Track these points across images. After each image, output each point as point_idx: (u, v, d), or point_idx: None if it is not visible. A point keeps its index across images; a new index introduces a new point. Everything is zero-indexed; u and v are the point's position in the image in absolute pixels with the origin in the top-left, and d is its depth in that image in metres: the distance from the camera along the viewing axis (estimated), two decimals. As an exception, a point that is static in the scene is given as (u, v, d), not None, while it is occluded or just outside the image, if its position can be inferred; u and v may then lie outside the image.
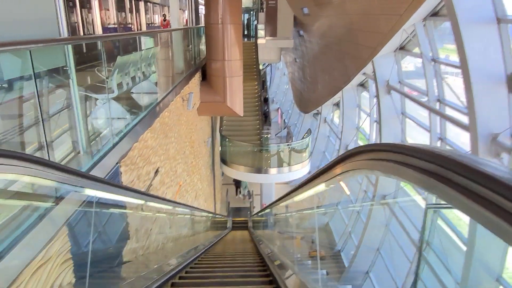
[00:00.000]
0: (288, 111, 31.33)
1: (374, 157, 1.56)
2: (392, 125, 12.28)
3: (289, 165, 14.72)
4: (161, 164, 5.97)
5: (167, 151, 6.43)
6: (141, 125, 4.80)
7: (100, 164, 3.50)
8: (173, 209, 5.16)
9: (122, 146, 4.08)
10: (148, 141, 5.14)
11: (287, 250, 6.35)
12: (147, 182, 5.05)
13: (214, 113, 11.36)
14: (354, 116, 17.01)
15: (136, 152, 4.58)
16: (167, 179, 6.71)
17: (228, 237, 11.99)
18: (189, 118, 9.11)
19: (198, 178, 10.92)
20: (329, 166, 2.19)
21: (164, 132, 6.16)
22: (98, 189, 2.24)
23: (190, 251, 6.27)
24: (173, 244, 5.90)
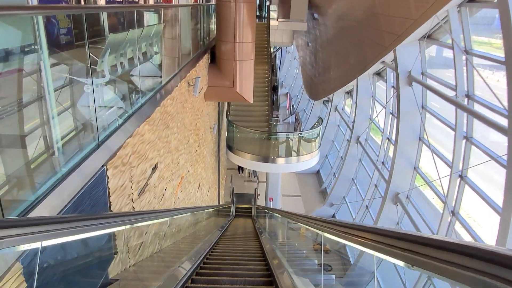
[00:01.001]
0: (297, 97, 30.38)
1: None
2: (411, 119, 11.41)
3: (297, 154, 13.96)
4: (160, 159, 5.23)
5: (168, 144, 5.68)
6: (137, 117, 4.04)
7: (79, 169, 2.76)
8: (167, 219, 4.45)
9: (111, 144, 3.33)
10: (145, 134, 4.38)
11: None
12: (142, 183, 4.32)
13: (222, 98, 10.57)
14: (368, 106, 16.12)
15: (129, 150, 3.83)
16: (168, 173, 5.99)
17: (229, 229, 11.35)
18: (195, 104, 8.32)
19: (202, 167, 10.22)
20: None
21: (165, 122, 5.40)
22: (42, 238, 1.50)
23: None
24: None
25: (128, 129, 3.76)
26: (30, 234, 1.37)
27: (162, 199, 5.73)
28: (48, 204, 2.41)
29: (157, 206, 5.36)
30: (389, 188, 12.10)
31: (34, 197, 2.39)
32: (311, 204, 18.94)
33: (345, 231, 1.90)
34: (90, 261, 3.15)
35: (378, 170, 13.90)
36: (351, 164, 16.86)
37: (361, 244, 1.66)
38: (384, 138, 14.03)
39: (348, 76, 15.84)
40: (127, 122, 3.73)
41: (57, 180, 2.57)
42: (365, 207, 15.23)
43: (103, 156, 3.18)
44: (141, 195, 4.34)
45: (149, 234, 4.71)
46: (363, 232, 1.68)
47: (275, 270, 4.77)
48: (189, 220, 6.80)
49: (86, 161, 2.87)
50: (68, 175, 2.61)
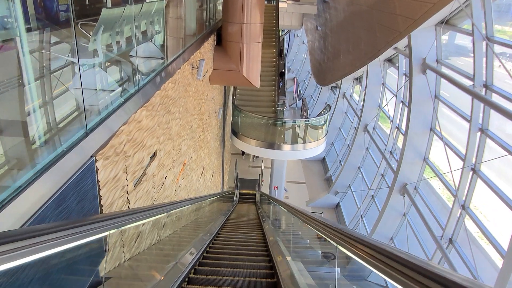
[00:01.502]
0: (305, 82, 29.80)
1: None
2: (423, 109, 10.95)
3: (304, 142, 13.59)
4: (160, 147, 4.90)
5: (168, 130, 5.34)
6: (134, 102, 3.69)
7: (63, 161, 2.43)
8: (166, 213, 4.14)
9: (101, 132, 3.00)
10: (143, 121, 4.04)
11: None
12: (138, 173, 3.99)
13: (228, 82, 10.16)
14: (378, 93, 15.61)
15: (124, 138, 3.50)
16: (168, 160, 5.67)
17: (232, 217, 11.11)
18: (199, 88, 7.94)
19: (205, 153, 9.90)
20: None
21: (165, 107, 5.04)
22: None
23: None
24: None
25: (122, 115, 3.42)
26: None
27: (162, 187, 5.43)
28: (25, 200, 2.09)
29: (156, 196, 5.06)
30: (397, 178, 11.74)
31: (7, 193, 2.07)
32: (316, 191, 18.67)
33: (368, 253, 1.56)
34: (78, 259, 2.86)
35: (385, 159, 13.52)
36: (358, 153, 16.48)
37: (389, 277, 1.32)
38: (393, 127, 13.60)
39: (358, 62, 15.30)
40: (121, 108, 3.38)
41: (36, 173, 2.24)
42: (371, 196, 14.91)
43: (91, 146, 2.84)
44: (137, 185, 4.03)
45: (147, 225, 4.42)
46: (391, 261, 1.34)
47: (279, 268, 4.48)
48: (190, 208, 6.51)
49: (72, 151, 2.53)
50: (49, 168, 2.28)
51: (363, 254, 1.64)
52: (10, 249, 1.24)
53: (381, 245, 1.50)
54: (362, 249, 1.66)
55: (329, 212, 16.96)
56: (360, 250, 1.69)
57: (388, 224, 12.47)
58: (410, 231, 11.55)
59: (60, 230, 1.63)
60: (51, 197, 2.28)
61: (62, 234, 1.63)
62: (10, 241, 1.25)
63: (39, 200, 2.23)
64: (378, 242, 1.60)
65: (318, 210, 16.57)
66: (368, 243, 1.63)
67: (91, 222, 1.97)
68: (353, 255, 1.79)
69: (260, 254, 5.53)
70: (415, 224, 11.77)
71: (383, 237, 12.68)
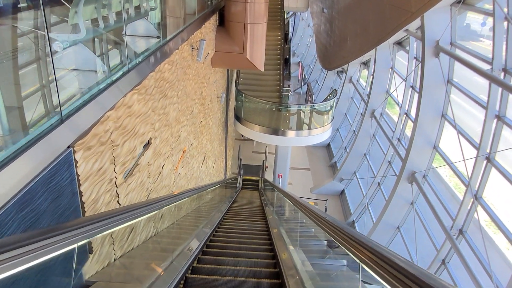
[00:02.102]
0: (310, 66, 29.11)
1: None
2: (435, 94, 10.42)
3: (309, 128, 13.13)
4: (155, 134, 4.48)
5: (165, 116, 4.91)
6: (122, 84, 3.25)
7: (27, 155, 2.01)
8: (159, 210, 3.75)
9: (81, 119, 2.57)
10: (134, 106, 3.61)
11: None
12: (129, 164, 3.59)
13: (230, 65, 9.65)
14: (386, 78, 15.03)
15: (111, 125, 3.07)
16: (166, 148, 5.26)
17: (235, 205, 10.76)
18: (200, 71, 7.47)
19: (207, 139, 9.48)
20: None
21: (162, 91, 4.60)
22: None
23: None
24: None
25: (108, 99, 2.99)
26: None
27: (159, 177, 5.04)
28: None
29: (152, 187, 4.67)
30: (405, 166, 11.30)
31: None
32: (320, 178, 18.29)
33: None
34: (58, 262, 2.49)
35: (393, 146, 13.05)
36: (364, 139, 16.00)
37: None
38: (402, 113, 13.09)
39: (366, 45, 14.65)
40: (107, 91, 2.94)
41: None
42: (377, 184, 14.50)
43: (68, 135, 2.42)
44: (128, 177, 3.63)
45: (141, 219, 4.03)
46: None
47: (283, 266, 4.10)
48: (190, 197, 6.12)
49: (40, 142, 2.12)
50: (7, 164, 1.87)
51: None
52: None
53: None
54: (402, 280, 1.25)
55: (333, 199, 16.60)
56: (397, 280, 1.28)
57: (395, 213, 12.09)
58: (417, 221, 11.17)
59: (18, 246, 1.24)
60: (11, 200, 1.87)
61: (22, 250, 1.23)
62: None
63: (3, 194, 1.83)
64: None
65: (323, 197, 16.22)
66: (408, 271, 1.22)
67: (61, 232, 1.57)
68: (384, 282, 1.39)
69: (264, 249, 5.16)
70: (423, 213, 11.39)
71: (390, 226, 12.33)
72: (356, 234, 1.89)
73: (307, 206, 3.80)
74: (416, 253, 10.65)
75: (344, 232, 2.09)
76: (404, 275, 1.28)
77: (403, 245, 12.08)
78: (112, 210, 2.40)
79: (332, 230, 2.43)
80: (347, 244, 1.96)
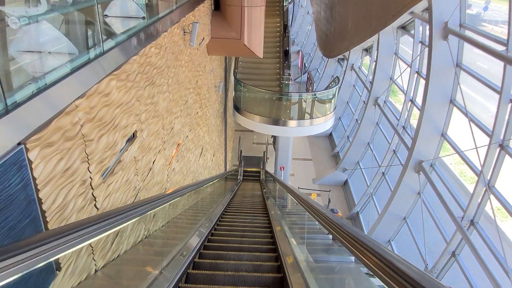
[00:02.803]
0: (310, 55, 28.42)
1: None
2: (443, 79, 9.86)
3: (311, 117, 12.60)
4: (141, 126, 3.96)
5: (154, 106, 4.38)
6: (95, 68, 2.73)
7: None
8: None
9: (37, 108, 2.06)
10: (113, 94, 3.09)
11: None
12: (108, 162, 3.08)
13: (228, 52, 9.07)
14: (389, 64, 14.43)
15: (82, 116, 2.56)
16: (156, 141, 4.75)
17: (235, 199, 10.29)
18: (194, 58, 6.92)
19: (205, 131, 8.97)
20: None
21: (148, 78, 4.07)
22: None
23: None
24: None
25: (75, 85, 2.47)
26: None
27: (150, 174, 4.54)
28: None
29: (140, 185, 4.17)
30: (411, 155, 10.79)
31: None
32: (323, 168, 17.80)
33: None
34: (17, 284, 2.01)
35: (398, 135, 12.52)
36: (367, 128, 15.46)
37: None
38: (407, 100, 12.53)
39: (369, 30, 14.01)
40: (73, 75, 2.42)
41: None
42: (381, 173, 14.01)
43: (16, 129, 1.91)
44: (108, 177, 3.12)
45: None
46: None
47: (287, 268, 3.63)
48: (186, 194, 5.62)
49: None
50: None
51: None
52: None
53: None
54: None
55: (336, 189, 16.13)
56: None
57: (401, 203, 11.62)
58: (424, 211, 10.69)
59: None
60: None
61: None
62: None
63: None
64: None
65: (326, 188, 15.75)
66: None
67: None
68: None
69: (266, 249, 4.68)
70: (430, 203, 10.91)
71: (396, 217, 11.87)
72: (358, 234, 1.58)
73: (309, 203, 3.30)
74: (424, 245, 10.20)
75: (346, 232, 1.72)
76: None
77: (409, 236, 11.64)
78: (82, 220, 1.90)
79: (333, 228, 2.01)
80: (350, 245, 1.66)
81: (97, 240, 2.96)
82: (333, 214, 2.27)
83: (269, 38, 14.56)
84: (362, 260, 1.53)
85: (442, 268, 9.44)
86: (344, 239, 1.89)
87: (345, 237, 1.88)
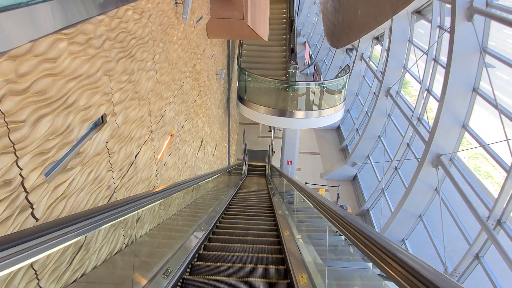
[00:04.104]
0: (316, 46, 27.38)
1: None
2: (465, 65, 8.87)
3: (319, 108, 11.68)
4: (115, 109, 3.09)
5: (134, 85, 3.50)
6: (29, 18, 1.85)
7: None
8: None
9: None
10: (62, 61, 2.22)
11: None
12: (55, 154, 2.21)
13: (230, 34, 8.13)
14: (403, 52, 13.42)
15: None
16: (140, 130, 3.88)
17: (239, 194, 9.43)
18: (190, 37, 6.03)
19: (205, 121, 8.10)
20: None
21: (124, 48, 3.18)
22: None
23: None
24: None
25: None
26: None
27: (131, 169, 3.68)
28: None
29: (117, 183, 3.31)
30: (429, 148, 9.85)
31: None
32: (331, 162, 16.89)
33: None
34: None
35: (413, 127, 11.56)
36: (378, 120, 14.49)
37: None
38: (423, 89, 11.54)
39: (380, 16, 12.99)
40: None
41: None
42: (394, 168, 13.07)
43: None
44: (58, 174, 2.26)
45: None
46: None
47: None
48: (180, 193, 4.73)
49: None
50: None
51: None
52: None
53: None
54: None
55: (345, 185, 15.22)
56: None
57: (417, 200, 10.70)
58: (443, 209, 9.76)
59: None
60: None
61: None
62: None
63: None
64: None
65: (334, 183, 14.85)
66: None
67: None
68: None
69: (274, 258, 3.81)
70: (448, 200, 9.98)
71: (411, 215, 10.95)
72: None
73: (334, 210, 2.42)
74: (443, 246, 9.28)
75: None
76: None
77: (422, 235, 10.74)
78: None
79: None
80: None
81: (42, 261, 2.12)
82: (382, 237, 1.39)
83: (274, 25, 13.61)
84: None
85: (464, 271, 8.54)
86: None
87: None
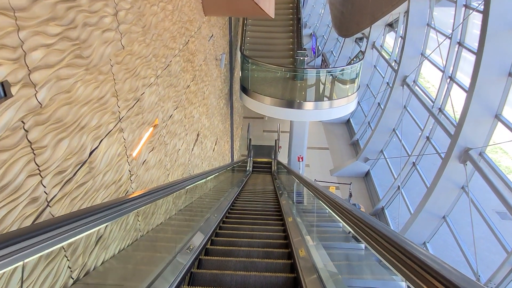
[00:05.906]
0: (323, 37, 26.11)
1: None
2: (500, 47, 7.68)
3: (330, 99, 10.51)
4: (62, 84, 1.97)
5: (83, 48, 2.38)
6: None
7: None
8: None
9: None
10: None
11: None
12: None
13: (230, 10, 6.87)
14: (420, 38, 12.16)
15: None
16: (101, 117, 2.77)
17: (242, 194, 8.31)
18: (178, 7, 4.89)
19: (202, 112, 6.97)
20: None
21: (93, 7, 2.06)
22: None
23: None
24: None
25: None
26: None
27: (82, 171, 2.56)
28: None
29: (54, 194, 2.20)
30: (456, 142, 8.66)
31: None
32: (341, 158, 15.70)
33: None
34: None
35: (435, 118, 10.34)
36: (393, 112, 13.26)
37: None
38: (446, 77, 10.31)
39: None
40: None
41: None
42: (411, 164, 11.87)
43: None
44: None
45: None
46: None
47: None
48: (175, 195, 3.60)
49: None
50: None
51: None
52: None
53: None
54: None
55: (357, 182, 14.04)
56: None
57: (441, 199, 9.51)
58: (467, 209, 8.57)
59: None
60: None
61: None
62: None
63: None
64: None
65: (345, 180, 13.68)
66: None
67: None
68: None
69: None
70: (478, 199, 8.79)
71: (433, 215, 9.77)
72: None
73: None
74: (475, 252, 8.09)
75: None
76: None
77: (450, 237, 9.56)
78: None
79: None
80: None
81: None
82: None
83: (280, 10, 12.43)
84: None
85: (500, 282, 7.36)
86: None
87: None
